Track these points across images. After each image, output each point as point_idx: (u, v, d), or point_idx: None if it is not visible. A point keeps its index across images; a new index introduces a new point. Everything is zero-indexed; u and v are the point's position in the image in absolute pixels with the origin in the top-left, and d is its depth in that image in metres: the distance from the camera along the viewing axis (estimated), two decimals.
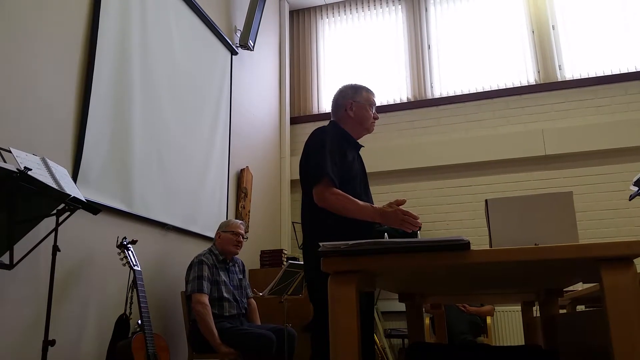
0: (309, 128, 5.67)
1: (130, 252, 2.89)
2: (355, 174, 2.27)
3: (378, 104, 5.82)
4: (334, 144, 2.23)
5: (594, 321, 1.64)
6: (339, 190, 2.13)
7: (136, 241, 3.00)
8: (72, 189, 2.22)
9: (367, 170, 2.43)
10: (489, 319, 4.64)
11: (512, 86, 5.54)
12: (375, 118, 2.43)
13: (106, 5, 3.11)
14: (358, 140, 2.43)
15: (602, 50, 5.36)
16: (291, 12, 6.59)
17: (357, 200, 2.12)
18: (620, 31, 5.34)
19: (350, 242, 1.27)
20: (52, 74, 2.71)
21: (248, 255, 4.58)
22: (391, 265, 1.27)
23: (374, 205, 2.13)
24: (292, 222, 5.44)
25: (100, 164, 2.96)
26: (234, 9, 5.07)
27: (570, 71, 5.43)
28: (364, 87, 2.46)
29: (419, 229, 2.22)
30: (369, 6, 6.34)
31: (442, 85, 5.83)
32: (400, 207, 2.08)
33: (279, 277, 3.34)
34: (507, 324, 4.98)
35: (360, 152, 2.46)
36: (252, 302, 3.63)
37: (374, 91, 2.49)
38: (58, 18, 2.78)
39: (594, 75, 5.29)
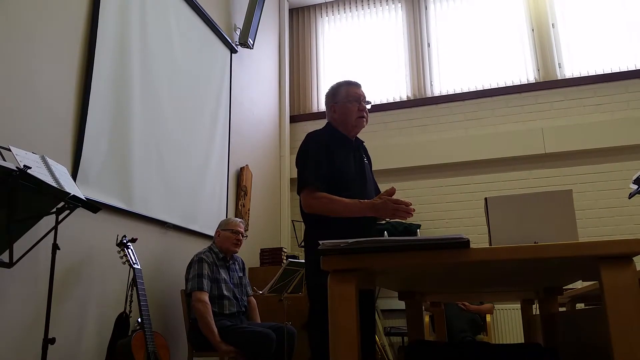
0: (309, 126, 5.67)
1: (130, 250, 2.89)
2: (348, 172, 2.26)
3: (378, 102, 5.90)
4: (319, 148, 2.24)
5: (594, 319, 1.64)
6: (323, 194, 2.13)
7: (136, 239, 3.00)
8: (71, 188, 2.22)
9: None
10: (488, 317, 4.64)
11: (511, 84, 5.54)
12: (361, 109, 2.35)
13: (106, 5, 3.10)
14: (361, 137, 2.43)
15: (602, 49, 5.35)
16: (291, 11, 6.58)
17: (342, 199, 2.11)
18: (621, 29, 5.34)
19: (350, 240, 1.27)
20: (52, 73, 2.71)
21: (248, 254, 4.59)
22: (391, 263, 1.27)
23: (362, 200, 2.11)
24: (292, 221, 5.44)
25: (100, 163, 2.96)
26: (233, 7, 5.06)
27: (570, 69, 5.43)
28: (344, 83, 2.43)
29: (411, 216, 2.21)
30: (368, 4, 6.33)
31: (442, 84, 5.83)
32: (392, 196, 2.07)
33: (279, 275, 3.34)
34: (506, 322, 4.99)
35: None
36: (252, 300, 3.63)
37: (358, 82, 2.43)
38: (58, 18, 2.78)
39: (594, 74, 5.29)
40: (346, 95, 2.37)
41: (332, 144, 2.28)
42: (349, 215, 2.11)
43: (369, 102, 2.40)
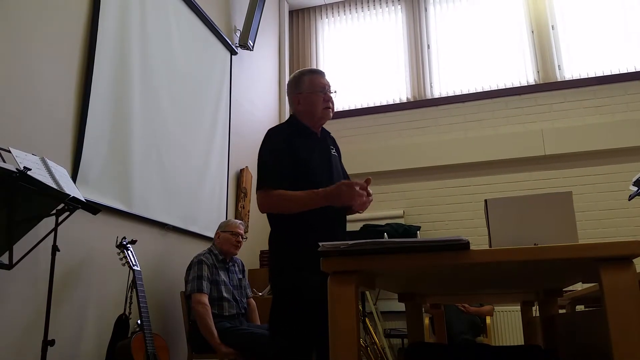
0: None
1: (129, 252, 2.89)
2: (314, 166, 2.15)
3: (377, 103, 5.91)
4: (279, 143, 2.14)
5: (594, 321, 1.64)
6: (277, 191, 2.03)
7: (135, 241, 3.00)
8: (71, 189, 2.21)
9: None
10: (488, 319, 4.64)
11: (511, 86, 5.54)
12: (327, 100, 2.23)
13: (105, 6, 3.11)
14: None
15: (601, 51, 5.36)
16: (291, 12, 6.59)
17: (295, 193, 2.01)
18: (620, 31, 5.35)
19: (350, 242, 1.27)
20: (52, 73, 2.71)
21: (247, 255, 4.58)
22: (391, 265, 1.27)
23: (316, 190, 2.02)
24: None
25: (100, 164, 2.96)
26: (233, 9, 5.07)
27: (570, 71, 5.43)
28: (307, 71, 2.30)
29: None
30: (368, 6, 6.34)
31: (442, 85, 5.83)
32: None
33: None
34: (506, 324, 4.98)
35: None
36: (251, 302, 3.63)
37: (322, 71, 2.32)
38: (58, 18, 2.78)
39: (594, 75, 5.30)
40: (310, 84, 2.24)
41: (295, 138, 2.17)
42: (305, 209, 2.01)
43: (334, 92, 2.29)
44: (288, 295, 2.04)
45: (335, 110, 2.34)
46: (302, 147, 2.16)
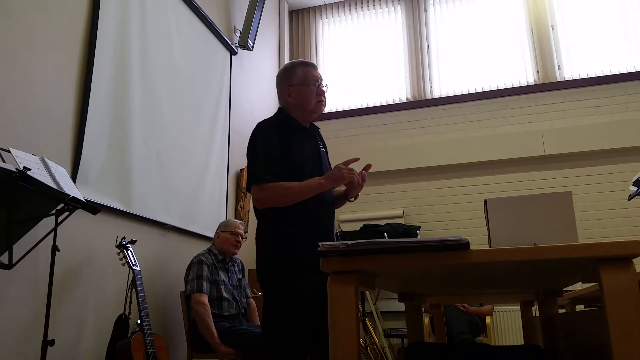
0: None
1: (129, 252, 2.89)
2: (304, 161, 2.11)
3: (377, 103, 5.91)
4: (270, 138, 2.08)
5: (593, 321, 1.64)
6: (274, 183, 1.99)
7: (135, 241, 3.00)
8: (71, 189, 2.21)
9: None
10: (488, 319, 4.64)
11: (511, 86, 5.54)
12: (320, 93, 2.18)
13: (105, 6, 3.11)
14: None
15: (601, 51, 5.36)
16: (291, 12, 6.59)
17: (293, 182, 2.00)
18: (619, 31, 5.35)
19: (350, 242, 1.27)
20: (52, 73, 2.71)
21: (247, 255, 4.58)
22: (390, 265, 1.27)
23: (314, 177, 2.03)
24: None
25: (100, 164, 2.96)
26: (233, 9, 5.07)
27: (570, 71, 5.43)
28: (299, 63, 2.22)
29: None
30: (368, 6, 6.34)
31: (442, 86, 5.83)
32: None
33: None
34: (506, 323, 4.98)
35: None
36: (251, 302, 3.63)
37: (314, 63, 2.26)
38: (58, 18, 2.78)
39: (593, 76, 5.30)
40: (303, 77, 2.17)
41: (285, 132, 2.11)
42: (307, 196, 1.99)
43: (326, 85, 2.23)
44: (280, 294, 2.02)
45: (334, 110, 2.33)
46: (294, 142, 2.12)
